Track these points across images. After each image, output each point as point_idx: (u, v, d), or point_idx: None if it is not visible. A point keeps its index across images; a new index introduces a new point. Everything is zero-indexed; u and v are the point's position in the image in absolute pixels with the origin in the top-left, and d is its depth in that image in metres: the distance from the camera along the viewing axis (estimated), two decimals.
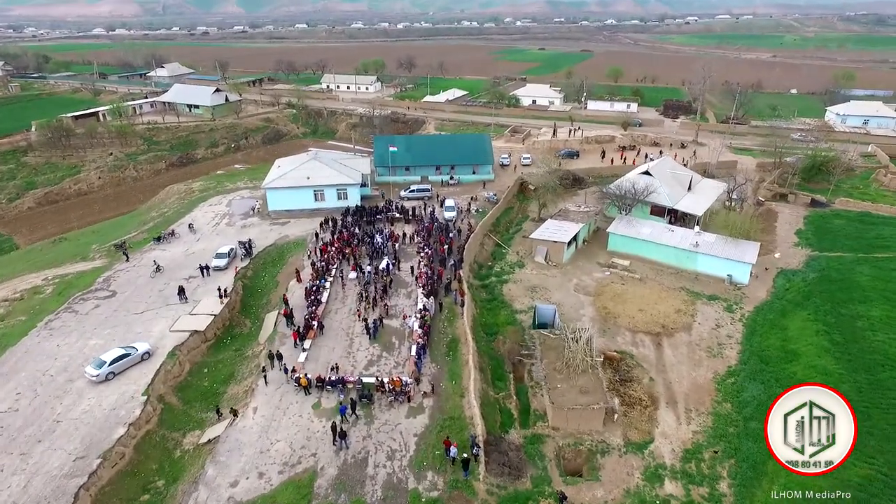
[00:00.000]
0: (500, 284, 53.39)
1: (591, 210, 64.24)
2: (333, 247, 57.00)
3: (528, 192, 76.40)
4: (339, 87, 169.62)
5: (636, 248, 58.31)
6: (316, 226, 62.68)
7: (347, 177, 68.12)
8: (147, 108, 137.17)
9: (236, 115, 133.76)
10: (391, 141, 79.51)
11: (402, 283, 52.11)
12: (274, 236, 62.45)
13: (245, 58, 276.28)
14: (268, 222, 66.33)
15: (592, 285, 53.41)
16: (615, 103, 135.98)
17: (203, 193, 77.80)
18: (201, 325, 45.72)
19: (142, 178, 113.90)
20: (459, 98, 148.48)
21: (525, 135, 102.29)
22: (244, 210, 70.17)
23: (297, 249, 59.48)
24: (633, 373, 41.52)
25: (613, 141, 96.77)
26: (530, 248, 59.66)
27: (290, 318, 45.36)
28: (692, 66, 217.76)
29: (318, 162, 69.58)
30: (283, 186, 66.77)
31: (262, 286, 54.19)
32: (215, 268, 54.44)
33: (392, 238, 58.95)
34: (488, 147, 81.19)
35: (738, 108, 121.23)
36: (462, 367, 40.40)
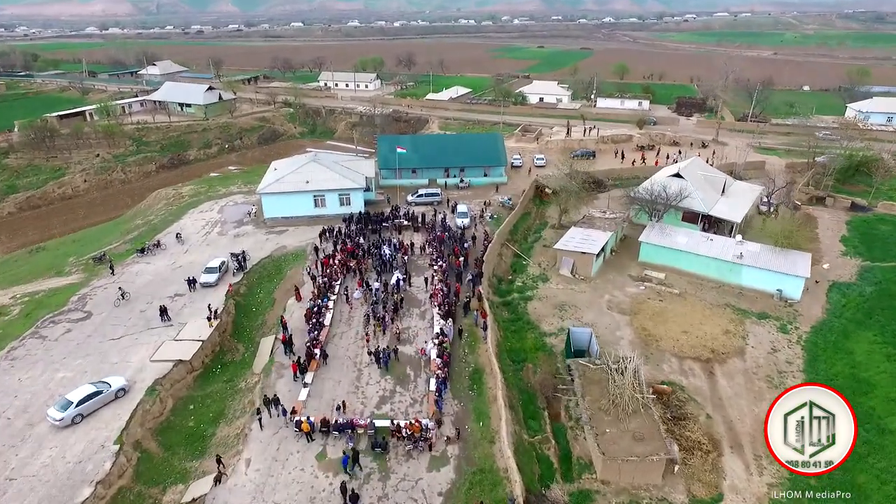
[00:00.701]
0: (524, 302, 47.73)
1: (617, 216, 58.64)
2: (336, 259, 51.24)
3: (544, 195, 70.78)
4: (336, 85, 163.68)
5: (671, 259, 52.74)
6: (316, 235, 56.92)
7: (350, 180, 62.36)
8: (137, 107, 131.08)
9: (230, 115, 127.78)
10: (397, 141, 73.75)
11: (414, 302, 46.40)
12: (270, 247, 56.66)
13: (240, 56, 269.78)
14: (263, 231, 60.53)
15: (627, 302, 47.80)
16: (626, 101, 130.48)
17: (193, 199, 71.92)
18: (187, 354, 39.92)
19: (130, 180, 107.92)
20: (463, 96, 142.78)
21: (536, 134, 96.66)
22: (238, 217, 64.35)
23: (295, 262, 53.71)
24: (686, 408, 35.94)
25: (630, 140, 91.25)
26: (553, 258, 54.06)
27: (288, 345, 39.60)
28: (700, 63, 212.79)
29: (317, 164, 63.80)
30: (280, 191, 60.98)
31: (257, 304, 48.42)
32: (204, 284, 48.66)
33: (402, 249, 53.22)
34: (501, 147, 75.52)
35: (755, 105, 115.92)
36: (489, 405, 34.74)
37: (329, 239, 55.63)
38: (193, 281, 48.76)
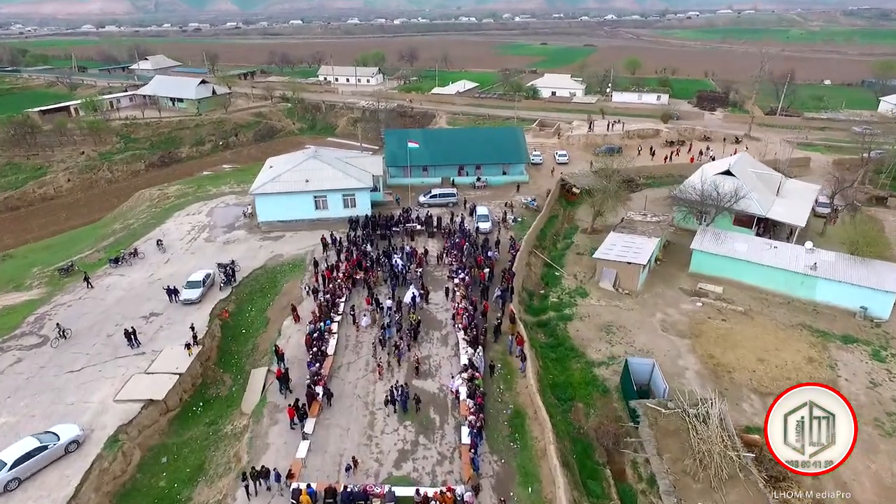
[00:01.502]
0: (563, 322, 40.40)
1: (661, 220, 51.34)
2: (341, 271, 43.95)
3: (571, 196, 63.54)
4: (337, 80, 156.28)
5: (728, 270, 45.48)
6: (317, 241, 49.68)
7: (356, 179, 55.05)
8: (126, 102, 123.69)
9: (225, 110, 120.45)
10: (406, 136, 66.35)
11: (433, 323, 39.12)
12: (264, 255, 49.38)
13: (238, 53, 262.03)
14: (257, 237, 53.23)
15: (684, 322, 40.50)
16: (643, 94, 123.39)
17: (179, 200, 64.56)
18: (160, 391, 32.64)
19: (117, 179, 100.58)
20: (470, 90, 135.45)
21: (555, 129, 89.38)
22: (228, 221, 57.03)
23: (293, 273, 46.45)
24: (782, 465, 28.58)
25: (657, 135, 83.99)
26: (591, 269, 46.87)
27: (284, 381, 32.32)
28: (709, 59, 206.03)
29: (318, 161, 56.47)
30: (276, 192, 53.66)
31: (248, 325, 41.15)
32: (185, 301, 41.39)
33: (416, 259, 45.93)
34: (522, 142, 68.23)
35: (783, 99, 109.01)
36: (537, 461, 27.50)
37: (332, 247, 48.21)
38: (174, 291, 41.68)
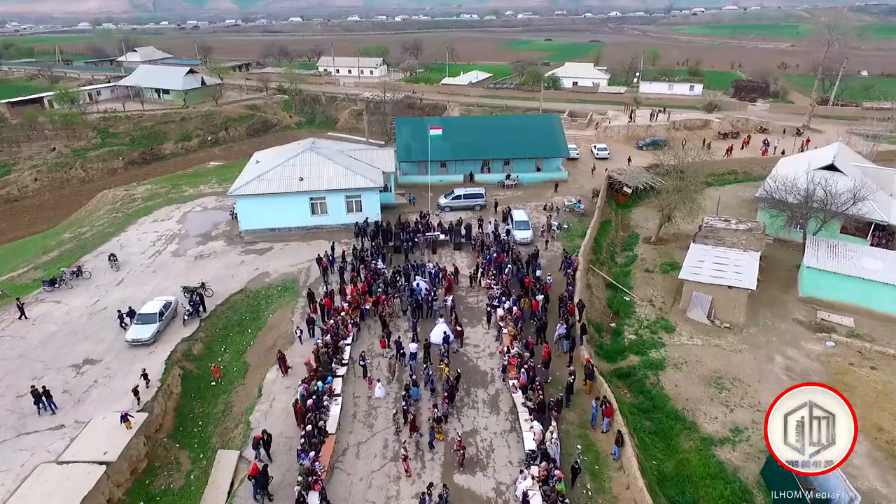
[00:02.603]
0: (653, 372, 29.28)
1: (751, 227, 40.20)
2: (345, 299, 33.00)
3: (620, 197, 52.56)
4: (338, 72, 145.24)
5: (855, 294, 34.43)
6: (314, 254, 38.81)
7: (362, 176, 44.11)
8: (106, 94, 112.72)
9: (215, 102, 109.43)
10: (421, 125, 55.58)
11: (474, 375, 28.16)
12: (246, 274, 38.43)
13: (234, 47, 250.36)
14: (238, 249, 42.27)
15: (817, 370, 29.43)
16: (675, 84, 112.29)
17: (148, 202, 53.53)
18: (77, 494, 21.63)
19: (92, 178, 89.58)
20: (484, 81, 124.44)
21: (588, 120, 78.46)
22: (204, 228, 46.08)
23: (282, 298, 35.56)
24: None
25: (707, 126, 72.98)
26: (668, 290, 36.07)
27: (261, 482, 21.29)
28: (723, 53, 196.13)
29: (316, 155, 45.56)
30: (263, 193, 42.72)
31: (221, 374, 30.15)
32: (133, 342, 30.47)
33: (445, 281, 34.89)
34: (559, 133, 57.28)
35: (836, 88, 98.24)
36: None
37: (332, 269, 37.11)
38: (130, 314, 31.22)
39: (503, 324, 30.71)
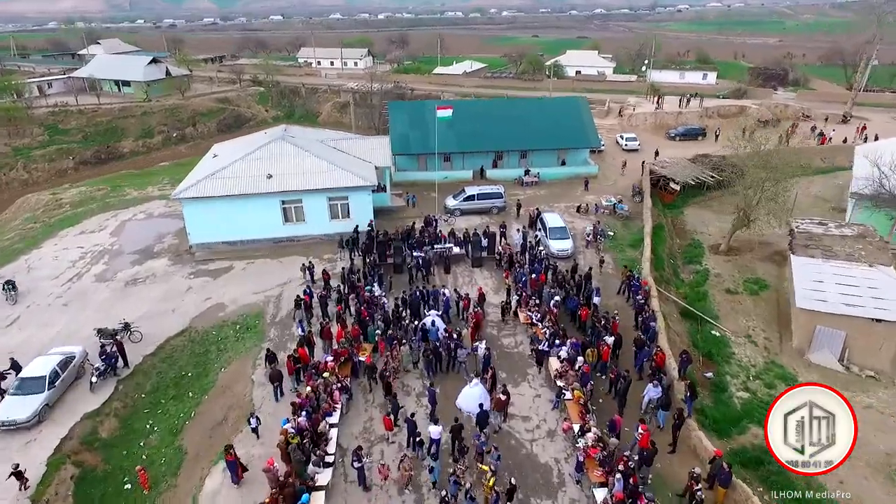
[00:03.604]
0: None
1: (862, 232, 30.73)
2: (329, 349, 22.85)
3: (666, 196, 42.97)
4: (320, 63, 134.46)
5: None
6: (286, 276, 28.75)
7: (349, 172, 33.93)
8: (59, 87, 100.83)
9: (181, 95, 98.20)
10: (418, 109, 45.93)
11: (529, 475, 18.17)
12: (191, 307, 28.09)
13: (210, 44, 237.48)
14: (185, 270, 31.86)
15: None
16: (686, 73, 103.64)
17: (77, 209, 42.66)
18: None
19: (36, 181, 77.76)
20: (479, 70, 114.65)
21: (606, 107, 69.01)
22: (145, 242, 35.54)
23: (240, 345, 25.34)
24: None
25: (743, 113, 63.85)
26: (765, 319, 26.57)
27: None
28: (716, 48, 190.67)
29: (289, 145, 35.28)
30: (218, 195, 32.34)
31: (144, 467, 19.83)
32: (5, 424, 20.08)
33: (471, 318, 24.76)
34: (588, 118, 47.69)
35: (865, 75, 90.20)
36: None
37: (314, 304, 26.86)
38: (15, 368, 21.10)
39: (563, 383, 20.85)
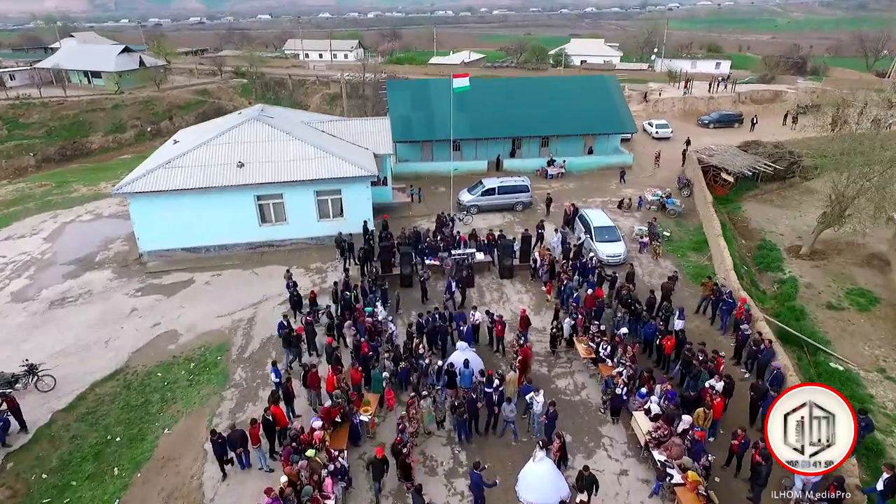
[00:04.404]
0: None
1: None
2: (317, 398, 15.85)
3: (719, 188, 36.31)
4: (308, 56, 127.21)
5: None
6: (259, 293, 21.87)
7: (343, 159, 26.98)
8: (23, 78, 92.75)
9: (157, 87, 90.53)
10: (423, 88, 39.10)
11: None
12: (131, 338, 21.01)
13: (194, 40, 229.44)
14: (132, 286, 24.71)
15: None
16: (698, 62, 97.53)
17: (10, 208, 35.23)
18: None
19: None
20: (478, 61, 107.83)
21: (626, 94, 62.44)
22: (87, 249, 28.31)
23: (193, 391, 18.33)
24: None
25: (779, 99, 57.64)
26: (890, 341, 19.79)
27: None
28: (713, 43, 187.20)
29: (266, 127, 28.24)
30: (173, 189, 25.21)
31: None
32: None
33: (517, 356, 17.70)
34: (620, 99, 41.09)
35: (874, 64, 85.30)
36: None
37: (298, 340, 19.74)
38: None
39: (663, 456, 14.03)
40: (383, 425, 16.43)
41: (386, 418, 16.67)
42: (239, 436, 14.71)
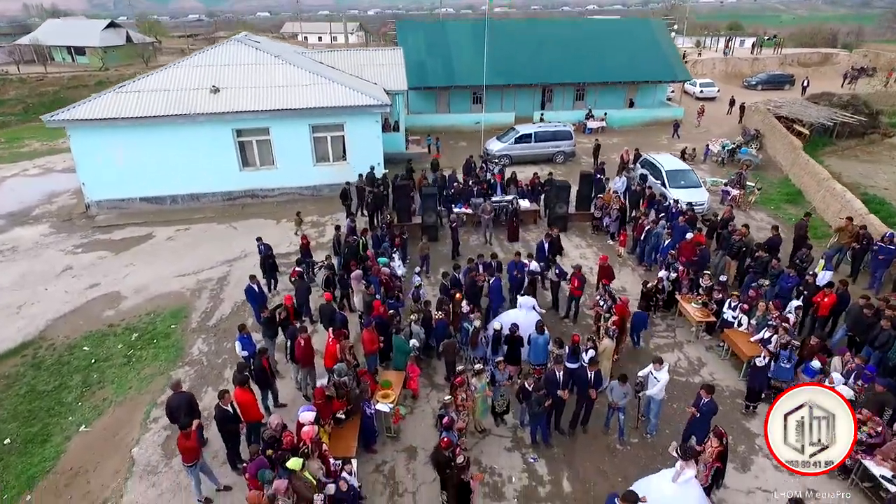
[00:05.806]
0: None
1: None
2: (311, 377, 10.14)
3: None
4: (307, 39, 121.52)
5: None
6: (237, 248, 16.14)
7: (346, 86, 21.30)
8: (2, 56, 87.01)
9: (145, 64, 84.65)
10: (439, 29, 33.45)
11: None
12: (59, 301, 15.31)
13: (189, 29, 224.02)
14: (71, 242, 19.02)
15: None
16: (721, 39, 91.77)
17: None
18: None
19: None
20: None
21: None
22: (24, 202, 22.67)
23: (133, 370, 12.54)
24: None
25: (828, 62, 51.97)
26: None
27: None
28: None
29: (251, 48, 22.58)
30: (126, 116, 19.49)
31: None
32: None
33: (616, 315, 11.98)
34: (669, 45, 35.46)
35: None
36: None
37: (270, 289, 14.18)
38: None
39: (884, 469, 8.30)
40: (411, 419, 10.73)
41: (414, 410, 10.98)
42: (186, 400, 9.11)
